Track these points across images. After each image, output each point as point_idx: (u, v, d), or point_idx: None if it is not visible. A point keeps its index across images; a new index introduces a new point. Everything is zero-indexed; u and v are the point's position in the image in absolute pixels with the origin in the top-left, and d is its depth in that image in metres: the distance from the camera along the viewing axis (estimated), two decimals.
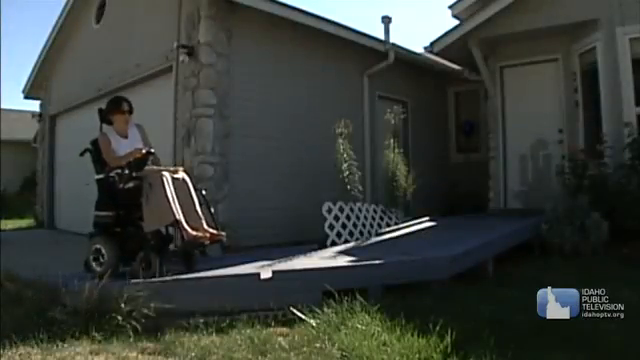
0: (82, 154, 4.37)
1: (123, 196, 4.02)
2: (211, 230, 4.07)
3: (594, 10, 6.33)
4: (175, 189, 3.98)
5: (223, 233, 4.18)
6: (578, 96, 6.86)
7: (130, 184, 4.01)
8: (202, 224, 4.03)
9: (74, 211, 9.27)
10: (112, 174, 4.03)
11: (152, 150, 4.23)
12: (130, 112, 4.38)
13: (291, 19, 6.50)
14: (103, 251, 4.01)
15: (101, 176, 4.14)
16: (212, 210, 4.38)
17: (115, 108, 4.33)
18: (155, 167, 4.22)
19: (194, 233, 3.89)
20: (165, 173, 4.02)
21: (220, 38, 6.07)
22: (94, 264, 4.03)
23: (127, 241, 4.09)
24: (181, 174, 4.20)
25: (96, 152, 4.20)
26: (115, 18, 8.09)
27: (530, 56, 7.36)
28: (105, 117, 4.37)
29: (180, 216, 3.86)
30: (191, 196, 4.12)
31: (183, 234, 3.83)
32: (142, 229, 3.98)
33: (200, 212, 4.09)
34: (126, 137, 4.31)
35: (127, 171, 3.99)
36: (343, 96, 7.55)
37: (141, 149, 4.14)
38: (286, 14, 6.41)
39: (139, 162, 4.08)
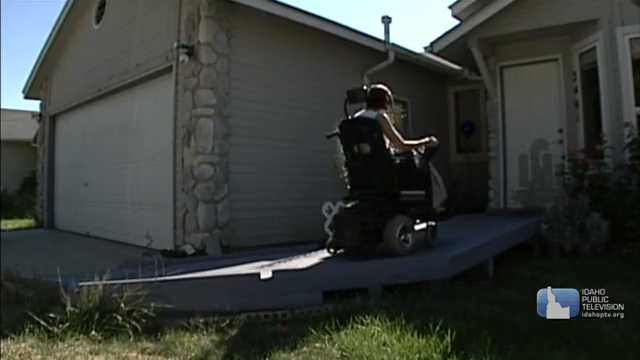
0: (355, 132, 4.39)
1: (418, 177, 4.35)
2: None
3: (594, 10, 6.33)
4: None
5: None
6: (578, 96, 6.86)
7: (419, 166, 4.41)
8: None
9: (74, 211, 9.28)
10: (412, 157, 4.40)
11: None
12: None
13: (291, 19, 6.50)
14: (409, 228, 4.22)
15: (404, 157, 4.34)
16: None
17: (391, 101, 4.59)
18: None
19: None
20: None
21: (220, 38, 6.07)
22: (399, 241, 4.12)
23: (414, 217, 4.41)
24: None
25: (378, 130, 4.25)
26: (115, 18, 8.09)
27: (530, 56, 7.36)
28: (384, 103, 4.49)
29: None
30: None
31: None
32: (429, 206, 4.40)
33: None
34: None
35: (427, 156, 4.44)
36: (343, 96, 7.52)
37: (432, 139, 4.48)
38: (286, 14, 6.41)
39: (434, 151, 4.49)
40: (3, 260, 4.30)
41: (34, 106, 11.69)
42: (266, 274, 3.57)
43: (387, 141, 4.27)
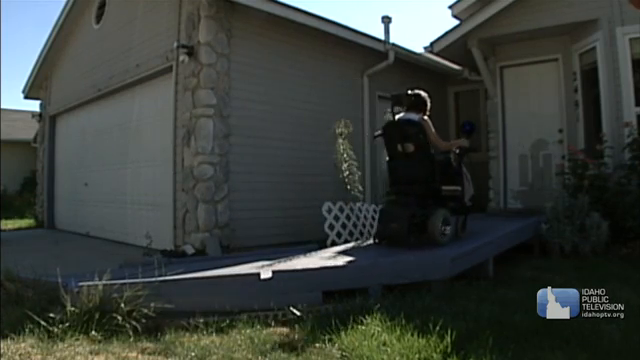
0: (400, 133, 4.71)
1: (453, 174, 4.78)
2: None
3: (594, 10, 6.33)
4: None
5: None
6: (578, 96, 6.86)
7: (454, 165, 4.82)
8: None
9: (74, 211, 9.28)
10: (449, 156, 4.79)
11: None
12: None
13: (291, 19, 6.50)
14: (449, 220, 4.63)
15: (441, 156, 4.76)
16: None
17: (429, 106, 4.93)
18: None
19: None
20: None
21: (220, 38, 6.07)
22: (441, 232, 4.53)
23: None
24: None
25: (423, 132, 4.62)
26: (115, 18, 8.10)
27: (530, 56, 7.36)
28: (425, 107, 4.88)
29: None
30: None
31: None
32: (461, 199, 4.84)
33: None
34: None
35: (460, 156, 4.86)
36: (343, 96, 7.55)
37: (464, 141, 5.02)
38: (286, 14, 6.42)
39: (466, 151, 4.96)
40: (3, 260, 4.30)
41: (34, 106, 11.71)
42: (266, 274, 3.57)
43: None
